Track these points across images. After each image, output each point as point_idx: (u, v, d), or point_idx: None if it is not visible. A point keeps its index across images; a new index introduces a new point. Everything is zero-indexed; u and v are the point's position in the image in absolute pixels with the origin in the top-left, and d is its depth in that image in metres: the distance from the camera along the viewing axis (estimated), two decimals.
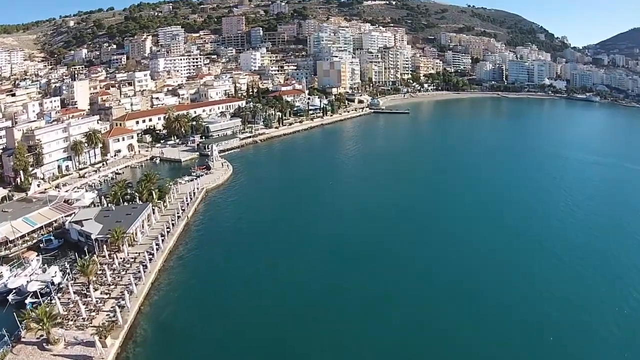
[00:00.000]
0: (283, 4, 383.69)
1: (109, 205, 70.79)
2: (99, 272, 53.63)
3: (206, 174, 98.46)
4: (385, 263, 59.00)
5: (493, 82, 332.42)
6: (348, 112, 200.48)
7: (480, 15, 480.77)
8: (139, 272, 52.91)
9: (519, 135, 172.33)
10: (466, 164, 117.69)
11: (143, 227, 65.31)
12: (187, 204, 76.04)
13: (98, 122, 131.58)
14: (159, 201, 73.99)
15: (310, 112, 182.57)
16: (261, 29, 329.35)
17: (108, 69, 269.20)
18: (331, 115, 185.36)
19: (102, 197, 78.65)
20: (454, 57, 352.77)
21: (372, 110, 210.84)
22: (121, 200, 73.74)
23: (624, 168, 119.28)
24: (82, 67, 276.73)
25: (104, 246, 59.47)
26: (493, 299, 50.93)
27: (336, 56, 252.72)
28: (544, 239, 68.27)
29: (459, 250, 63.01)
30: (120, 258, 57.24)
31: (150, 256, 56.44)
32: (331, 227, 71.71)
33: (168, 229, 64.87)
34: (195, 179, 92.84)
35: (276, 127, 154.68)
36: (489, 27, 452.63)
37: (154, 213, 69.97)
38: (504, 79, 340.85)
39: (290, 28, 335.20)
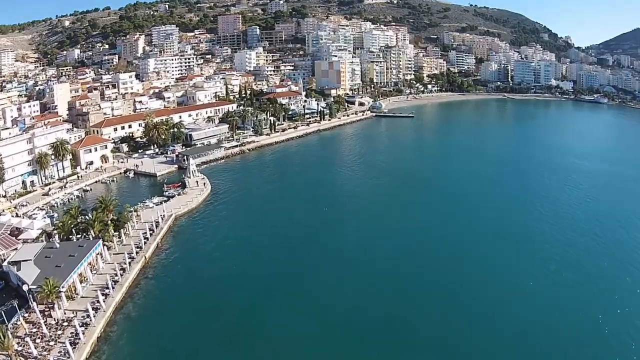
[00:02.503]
0: (281, 2, 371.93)
1: (54, 240, 57.88)
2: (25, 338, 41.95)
3: (179, 193, 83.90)
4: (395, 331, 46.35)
5: (499, 82, 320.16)
6: (348, 115, 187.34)
7: (483, 14, 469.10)
8: (71, 342, 40.33)
9: (534, 144, 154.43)
10: (484, 181, 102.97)
11: (87, 272, 52.79)
12: (147, 238, 61.90)
13: (71, 130, 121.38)
14: (115, 233, 61.78)
15: (307, 116, 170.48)
16: (258, 27, 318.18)
17: (99, 69, 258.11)
18: (329, 120, 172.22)
19: (54, 226, 66.80)
20: (458, 57, 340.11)
21: (374, 114, 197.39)
22: (73, 232, 62.16)
23: None
24: (71, 68, 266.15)
25: (35, 302, 46.73)
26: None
27: (335, 55, 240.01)
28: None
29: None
30: (54, 319, 45.04)
31: (88, 319, 43.72)
32: (325, 279, 56.10)
33: (116, 278, 51.27)
34: (166, 200, 78.86)
35: (267, 134, 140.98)
36: (492, 27, 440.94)
37: (106, 250, 57.70)
38: (509, 79, 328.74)
39: (289, 27, 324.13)
